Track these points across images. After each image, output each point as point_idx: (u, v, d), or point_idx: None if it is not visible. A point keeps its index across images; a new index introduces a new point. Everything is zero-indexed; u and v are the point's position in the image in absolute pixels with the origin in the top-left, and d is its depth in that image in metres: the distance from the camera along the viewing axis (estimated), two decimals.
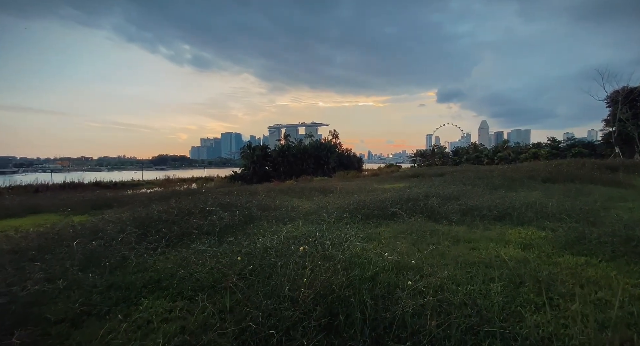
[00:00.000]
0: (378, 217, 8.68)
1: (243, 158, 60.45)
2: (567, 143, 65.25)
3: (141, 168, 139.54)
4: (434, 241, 6.32)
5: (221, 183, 42.94)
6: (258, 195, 13.44)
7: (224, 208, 9.07)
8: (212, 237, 6.52)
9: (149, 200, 12.74)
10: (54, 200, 14.71)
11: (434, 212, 8.82)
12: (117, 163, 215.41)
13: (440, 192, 11.72)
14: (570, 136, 70.39)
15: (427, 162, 74.50)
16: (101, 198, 14.03)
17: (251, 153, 57.53)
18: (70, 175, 43.77)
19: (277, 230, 7.03)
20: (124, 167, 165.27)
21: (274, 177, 51.53)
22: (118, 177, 48.86)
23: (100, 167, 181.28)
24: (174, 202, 9.71)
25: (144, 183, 41.43)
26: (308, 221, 8.23)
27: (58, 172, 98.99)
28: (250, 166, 56.67)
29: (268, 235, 6.53)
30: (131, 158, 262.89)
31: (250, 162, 56.83)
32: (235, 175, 54.73)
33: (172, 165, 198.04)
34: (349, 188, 18.61)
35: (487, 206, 9.16)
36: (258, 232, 6.79)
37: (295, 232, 6.86)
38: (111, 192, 22.63)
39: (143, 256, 5.39)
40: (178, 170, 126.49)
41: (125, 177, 49.74)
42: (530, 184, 17.16)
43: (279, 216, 8.76)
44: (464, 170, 28.73)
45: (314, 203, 11.58)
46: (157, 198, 13.86)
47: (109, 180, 40.45)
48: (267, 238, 6.02)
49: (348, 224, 7.95)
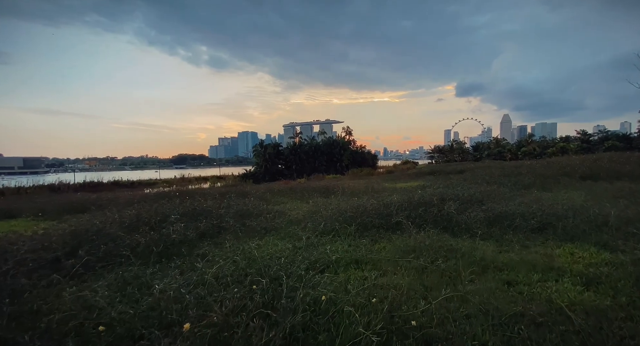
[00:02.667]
0: (379, 227, 6.87)
1: (255, 157, 59.63)
2: (599, 136, 60.19)
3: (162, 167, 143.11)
4: (451, 267, 4.47)
5: (232, 182, 42.26)
6: (250, 197, 11.86)
7: (194, 217, 7.51)
8: (144, 260, 4.92)
9: (129, 204, 11.37)
10: (32, 203, 13.68)
11: (451, 221, 6.91)
12: (140, 163, 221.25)
13: (459, 194, 9.72)
14: (602, 129, 65.12)
15: (446, 158, 70.99)
16: (80, 201, 12.86)
17: (263, 151, 56.42)
18: (91, 175, 45.54)
19: (240, 248, 5.37)
20: (146, 166, 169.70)
21: (286, 175, 50.28)
22: (139, 176, 49.81)
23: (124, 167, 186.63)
24: (134, 208, 8.23)
25: (160, 182, 41.79)
26: (288, 234, 6.52)
27: (85, 172, 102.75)
28: (262, 164, 55.61)
29: (225, 255, 4.88)
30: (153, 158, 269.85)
31: (262, 160, 55.75)
32: (247, 173, 53.75)
33: (191, 164, 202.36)
34: (356, 188, 16.77)
35: (521, 212, 7.16)
36: (211, 252, 5.12)
37: (263, 251, 5.18)
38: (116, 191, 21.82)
39: (35, 291, 3.85)
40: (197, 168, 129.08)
41: (145, 176, 50.58)
42: (567, 182, 14.77)
43: (255, 226, 7.10)
44: (487, 166, 26.18)
45: (309, 207, 9.88)
46: (143, 201, 12.53)
47: (127, 179, 41.10)
48: (216, 264, 4.35)
49: (339, 237, 6.20)
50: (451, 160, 65.60)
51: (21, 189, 28.12)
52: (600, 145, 56.50)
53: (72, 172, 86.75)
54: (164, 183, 41.41)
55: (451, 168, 27.41)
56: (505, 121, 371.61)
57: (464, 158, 68.13)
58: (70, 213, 11.67)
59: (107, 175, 42.05)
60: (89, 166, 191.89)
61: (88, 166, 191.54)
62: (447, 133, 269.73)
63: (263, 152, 56.30)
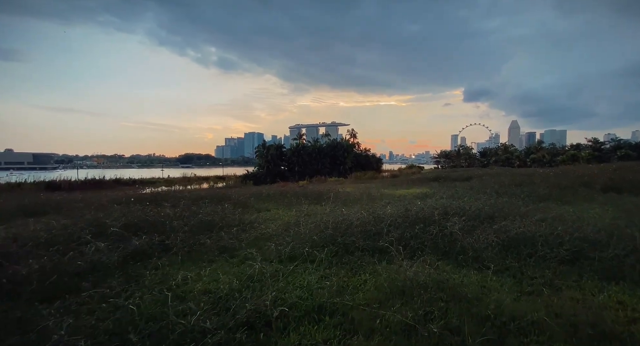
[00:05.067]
0: (364, 249, 5.47)
1: (257, 158, 58.65)
2: (612, 145, 57.99)
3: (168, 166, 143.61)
4: (452, 327, 3.07)
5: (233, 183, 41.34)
6: (226, 203, 10.54)
7: (139, 229, 6.18)
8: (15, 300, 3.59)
9: (88, 208, 10.09)
10: None
11: (455, 245, 5.48)
12: (147, 161, 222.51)
13: (465, 207, 8.25)
14: (614, 137, 62.81)
15: (452, 164, 69.26)
16: (42, 203, 11.64)
17: (265, 152, 55.28)
18: (94, 172, 46.05)
19: (171, 280, 4.02)
20: (152, 165, 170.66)
21: (287, 177, 49.07)
22: (143, 174, 49.92)
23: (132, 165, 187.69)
24: (81, 215, 6.94)
25: (161, 182, 41.48)
26: (246, 258, 5.14)
27: (94, 169, 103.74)
28: (264, 165, 54.50)
29: (136, 292, 3.55)
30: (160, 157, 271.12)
31: (265, 161, 54.64)
32: (248, 174, 52.63)
33: (197, 163, 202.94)
34: (352, 194, 15.36)
35: (542, 235, 5.71)
36: (120, 287, 3.78)
37: (195, 287, 3.84)
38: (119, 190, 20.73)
39: None
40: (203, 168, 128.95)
41: (150, 174, 50.83)
42: (587, 194, 13.18)
43: (210, 245, 5.72)
44: (495, 173, 24.51)
45: (290, 218, 8.52)
46: (113, 203, 11.28)
47: (129, 177, 40.96)
48: (102, 311, 3.01)
49: (309, 265, 4.83)
50: (457, 166, 63.87)
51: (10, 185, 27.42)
52: (612, 153, 54.45)
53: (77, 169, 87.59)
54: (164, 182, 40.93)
55: (457, 175, 25.80)
56: (514, 127, 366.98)
57: (471, 164, 66.34)
58: (28, 216, 10.49)
59: (111, 173, 41.80)
60: (97, 163, 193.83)
61: (96, 163, 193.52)
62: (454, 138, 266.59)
63: (265, 153, 55.17)
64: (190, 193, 13.71)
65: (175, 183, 41.42)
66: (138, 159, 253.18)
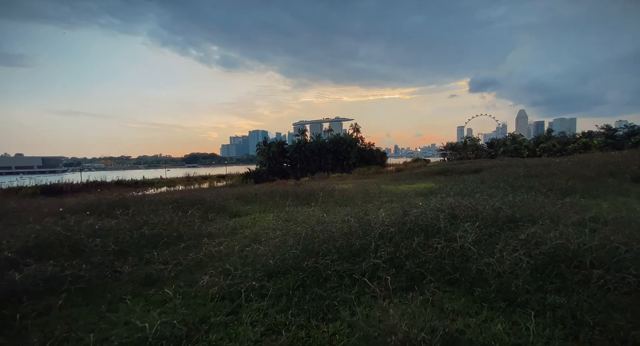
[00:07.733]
0: (342, 275, 3.95)
1: (259, 155, 57.36)
2: (625, 132, 55.33)
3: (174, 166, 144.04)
4: None
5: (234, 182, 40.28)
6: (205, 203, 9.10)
7: (52, 251, 4.74)
8: None
9: (45, 216, 8.73)
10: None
11: (468, 268, 3.91)
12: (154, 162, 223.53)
13: (478, 206, 6.60)
14: (627, 124, 59.94)
15: (459, 156, 67.07)
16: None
17: (267, 149, 53.86)
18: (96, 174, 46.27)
19: None
20: (159, 165, 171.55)
21: (289, 174, 47.67)
22: (146, 175, 49.56)
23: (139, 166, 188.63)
24: None
25: (164, 182, 40.85)
26: (166, 298, 3.63)
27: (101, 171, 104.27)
28: (265, 163, 53.12)
29: None
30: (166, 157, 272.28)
31: (266, 158, 53.27)
32: (250, 172, 51.32)
33: (202, 162, 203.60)
34: (349, 191, 13.81)
35: (591, 247, 4.10)
36: None
37: None
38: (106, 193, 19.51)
39: None
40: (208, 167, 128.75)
41: (155, 175, 50.45)
42: (618, 186, 11.41)
43: (133, 273, 4.24)
44: (507, 164, 22.59)
45: (258, 229, 7.00)
46: (69, 212, 9.92)
47: (131, 178, 40.31)
48: None
49: (257, 303, 3.33)
50: (464, 158, 61.72)
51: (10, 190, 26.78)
52: (626, 140, 51.90)
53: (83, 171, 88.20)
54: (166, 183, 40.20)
55: (465, 167, 23.99)
56: (521, 117, 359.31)
57: (478, 156, 64.12)
58: None
59: (116, 175, 42.09)
60: (105, 165, 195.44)
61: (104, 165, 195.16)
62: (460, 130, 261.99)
63: (267, 150, 53.76)
64: (168, 196, 12.28)
65: (176, 183, 40.98)
66: (145, 160, 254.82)
